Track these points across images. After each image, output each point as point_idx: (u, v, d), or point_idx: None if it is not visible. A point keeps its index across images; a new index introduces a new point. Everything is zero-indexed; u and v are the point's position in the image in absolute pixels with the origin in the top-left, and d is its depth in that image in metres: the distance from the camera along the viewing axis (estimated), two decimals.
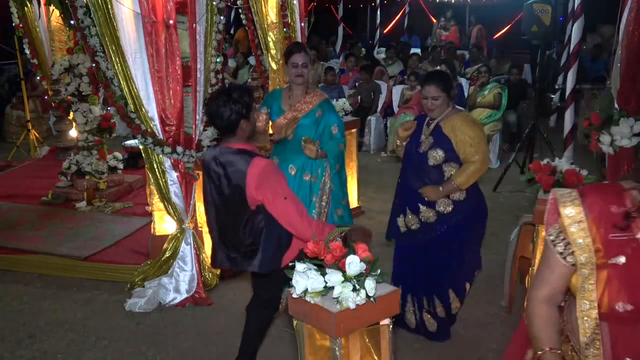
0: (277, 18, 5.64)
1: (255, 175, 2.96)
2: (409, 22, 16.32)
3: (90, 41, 4.27)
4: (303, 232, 2.99)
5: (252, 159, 3.01)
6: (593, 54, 11.17)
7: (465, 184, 3.66)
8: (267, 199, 2.99)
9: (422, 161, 3.74)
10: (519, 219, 4.35)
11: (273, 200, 2.98)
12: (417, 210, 3.78)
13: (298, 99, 4.23)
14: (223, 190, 3.10)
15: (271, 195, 2.98)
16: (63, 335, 4.15)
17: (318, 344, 2.49)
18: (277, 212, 3.01)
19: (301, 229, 3.00)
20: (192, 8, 4.29)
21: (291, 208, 3.00)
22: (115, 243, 5.32)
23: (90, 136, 6.41)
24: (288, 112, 4.23)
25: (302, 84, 4.21)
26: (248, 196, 2.99)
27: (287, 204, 3.00)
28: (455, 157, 3.66)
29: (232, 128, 3.08)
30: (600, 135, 3.88)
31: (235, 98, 3.04)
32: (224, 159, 3.09)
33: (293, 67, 4.15)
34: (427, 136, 3.75)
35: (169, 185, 4.47)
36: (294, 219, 3.00)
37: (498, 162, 8.19)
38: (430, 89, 3.65)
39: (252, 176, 2.96)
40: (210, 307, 4.47)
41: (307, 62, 4.17)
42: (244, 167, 2.99)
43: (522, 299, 4.02)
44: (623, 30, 3.74)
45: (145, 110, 4.31)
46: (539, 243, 3.76)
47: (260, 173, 2.97)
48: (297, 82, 4.21)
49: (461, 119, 3.70)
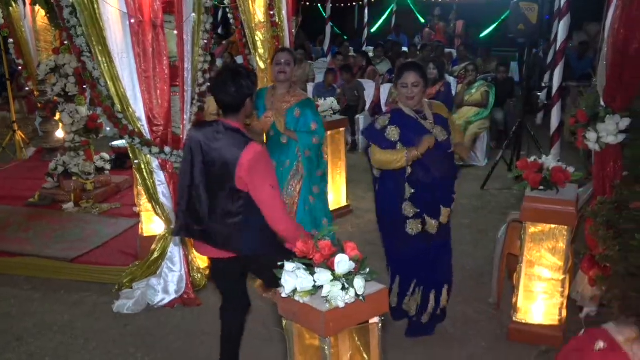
0: (264, 17, 5.62)
1: (250, 158, 2.95)
2: (396, 20, 16.35)
3: (76, 41, 4.24)
4: (281, 222, 3.06)
5: (249, 142, 3.01)
6: (579, 51, 11.24)
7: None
8: (255, 184, 2.99)
9: (444, 151, 3.71)
10: (507, 216, 4.38)
11: (261, 185, 3.00)
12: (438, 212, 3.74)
13: (279, 98, 4.34)
14: (210, 165, 3.06)
15: (261, 180, 3.00)
16: (51, 337, 4.12)
17: (307, 343, 2.49)
18: (262, 197, 3.02)
19: (280, 219, 3.06)
20: (179, 7, 4.28)
21: (276, 197, 3.06)
22: (102, 244, 5.28)
23: (77, 137, 6.37)
24: (269, 110, 4.33)
25: (284, 81, 4.32)
26: (237, 176, 2.98)
27: (273, 192, 3.03)
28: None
29: (237, 106, 3.08)
30: (586, 133, 3.90)
31: (243, 75, 3.06)
32: (221, 134, 3.06)
33: (276, 64, 4.29)
34: (434, 127, 3.71)
35: (156, 185, 4.45)
36: (277, 208, 3.05)
37: (486, 160, 8.23)
38: (410, 76, 3.63)
39: (246, 158, 2.95)
40: (199, 308, 4.46)
41: (290, 60, 4.30)
42: (240, 147, 2.98)
43: (510, 296, 4.04)
44: (609, 28, 3.76)
45: (133, 111, 4.29)
46: (526, 240, 3.78)
47: (255, 157, 2.97)
48: (280, 79, 4.32)
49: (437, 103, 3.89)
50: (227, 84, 3.04)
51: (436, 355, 3.83)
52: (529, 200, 3.74)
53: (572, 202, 3.66)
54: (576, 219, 3.68)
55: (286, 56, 4.30)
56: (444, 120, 3.77)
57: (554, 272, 3.76)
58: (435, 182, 3.70)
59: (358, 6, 17.45)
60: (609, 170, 3.88)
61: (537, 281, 3.82)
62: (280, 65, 4.27)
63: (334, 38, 14.06)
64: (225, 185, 3.03)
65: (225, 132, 3.07)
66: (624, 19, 3.59)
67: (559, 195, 3.72)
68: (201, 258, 4.80)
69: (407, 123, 3.69)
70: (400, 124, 3.68)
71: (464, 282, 4.69)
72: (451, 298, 4.03)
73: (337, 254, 2.32)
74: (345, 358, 2.44)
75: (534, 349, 3.80)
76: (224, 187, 3.04)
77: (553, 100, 6.66)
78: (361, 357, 2.50)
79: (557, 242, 3.72)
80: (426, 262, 3.82)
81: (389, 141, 3.65)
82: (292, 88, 4.41)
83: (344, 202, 6.37)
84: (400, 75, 3.68)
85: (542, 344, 3.81)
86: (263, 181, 3.00)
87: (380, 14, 17.62)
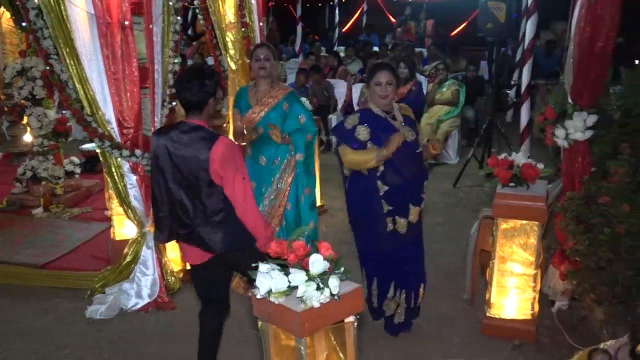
0: (235, 18, 5.60)
1: (221, 151, 2.99)
2: (367, 20, 16.41)
3: (43, 43, 4.18)
4: (251, 216, 3.10)
5: (218, 137, 3.05)
6: (547, 50, 11.40)
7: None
8: (228, 176, 3.02)
9: (412, 151, 3.73)
10: (479, 213, 4.42)
11: (234, 178, 3.03)
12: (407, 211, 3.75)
13: (264, 94, 4.31)
14: (182, 166, 3.07)
15: (233, 173, 3.03)
16: (22, 345, 4.04)
17: (283, 344, 2.49)
18: (235, 188, 3.04)
19: (250, 212, 3.10)
20: (148, 8, 4.24)
21: (248, 189, 3.10)
22: (74, 249, 5.20)
23: (45, 141, 6.27)
24: (256, 107, 4.29)
25: (265, 76, 4.31)
26: (212, 170, 3.00)
27: (245, 185, 3.08)
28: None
29: (200, 104, 3.10)
30: (555, 130, 3.95)
31: (207, 74, 3.10)
32: (187, 134, 3.07)
33: (256, 60, 4.28)
34: (403, 127, 3.72)
35: (128, 189, 4.41)
36: (248, 201, 3.09)
37: (457, 158, 8.31)
38: (384, 74, 3.66)
39: (218, 152, 2.98)
40: (173, 312, 4.42)
41: (269, 55, 4.28)
42: (209, 141, 3.01)
43: (483, 292, 4.09)
44: (575, 27, 3.82)
45: (102, 113, 4.24)
46: (498, 236, 3.83)
47: (226, 149, 3.01)
48: (261, 75, 4.30)
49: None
50: (191, 82, 3.06)
51: (411, 352, 3.85)
52: (500, 197, 3.79)
53: (542, 198, 3.72)
54: (546, 214, 3.74)
55: (265, 52, 4.29)
56: (412, 121, 3.81)
57: (525, 267, 3.82)
58: (405, 181, 3.72)
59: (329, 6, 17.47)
60: (578, 166, 3.95)
61: (510, 276, 3.87)
62: (259, 61, 4.26)
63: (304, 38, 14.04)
64: (202, 184, 3.03)
65: (191, 131, 3.08)
66: (589, 18, 3.66)
67: (529, 192, 3.77)
68: (175, 261, 4.76)
69: (377, 123, 3.70)
70: (370, 123, 3.69)
71: (438, 279, 4.73)
72: (425, 295, 4.05)
73: (312, 254, 2.32)
74: (322, 358, 2.44)
75: (508, 344, 3.84)
76: (202, 186, 3.04)
77: (522, 98, 6.74)
78: (337, 356, 2.50)
79: (528, 237, 3.77)
80: (398, 260, 3.84)
81: (359, 141, 3.66)
82: (275, 83, 4.41)
83: (318, 202, 6.36)
84: (374, 74, 3.70)
85: (516, 338, 3.86)
86: (235, 173, 3.03)
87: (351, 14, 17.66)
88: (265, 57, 4.27)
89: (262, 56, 4.26)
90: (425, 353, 3.85)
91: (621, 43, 5.56)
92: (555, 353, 3.75)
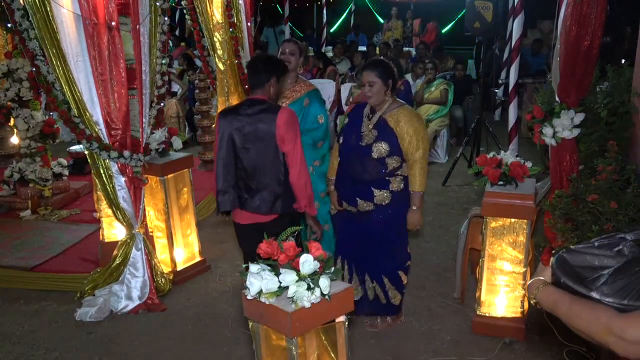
0: (222, 18, 5.59)
1: (285, 118, 3.41)
2: (355, 20, 16.43)
3: (29, 44, 4.15)
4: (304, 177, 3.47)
5: (279, 107, 3.54)
6: (533, 49, 11.46)
7: (424, 185, 3.82)
8: (291, 139, 3.42)
9: (364, 154, 3.75)
10: (469, 211, 4.44)
11: (294, 141, 3.43)
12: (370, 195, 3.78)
13: (287, 87, 4.28)
14: (251, 136, 3.45)
15: (294, 136, 3.44)
16: (10, 348, 4.02)
17: (275, 344, 2.48)
18: (295, 151, 3.44)
19: (305, 174, 3.49)
20: (135, 9, 4.21)
21: (303, 153, 3.50)
22: (63, 252, 5.18)
23: (32, 142, 6.23)
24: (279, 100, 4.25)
25: (290, 71, 4.22)
26: (278, 135, 3.40)
27: (302, 149, 3.49)
28: (399, 150, 3.72)
29: (261, 81, 3.51)
30: (542, 128, 3.98)
31: (273, 59, 3.63)
32: (252, 107, 3.48)
33: (281, 54, 4.28)
34: (369, 129, 3.76)
35: (116, 190, 4.38)
36: (304, 164, 3.49)
37: (446, 157, 8.34)
38: (365, 74, 3.72)
39: (283, 118, 3.40)
40: (163, 313, 4.40)
41: (294, 50, 4.27)
42: (274, 112, 3.44)
43: (473, 290, 4.10)
44: (561, 26, 3.85)
45: (90, 115, 4.21)
46: (488, 235, 3.85)
47: (289, 117, 3.45)
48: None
49: (407, 112, 3.78)
50: (257, 62, 3.61)
51: (402, 351, 3.86)
52: (489, 195, 3.81)
53: (530, 196, 3.74)
54: (535, 212, 3.76)
55: (291, 46, 4.27)
56: (386, 129, 3.74)
57: (515, 265, 3.84)
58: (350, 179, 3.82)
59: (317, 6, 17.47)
60: (566, 164, 3.97)
61: (499, 274, 3.89)
62: (284, 55, 4.24)
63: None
64: (270, 150, 3.44)
65: (256, 104, 3.50)
66: (575, 16, 3.69)
67: (518, 190, 3.79)
68: (165, 262, 4.75)
69: (356, 117, 3.88)
70: (353, 115, 3.92)
71: (428, 277, 4.75)
72: (416, 293, 4.06)
73: (302, 254, 2.32)
74: (313, 358, 2.44)
75: (498, 341, 3.86)
76: (269, 153, 3.44)
77: (510, 97, 6.78)
78: (328, 356, 2.51)
79: (517, 235, 3.79)
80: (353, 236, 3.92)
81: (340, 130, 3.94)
82: (300, 78, 4.37)
83: None
84: (360, 74, 3.77)
85: (506, 335, 3.88)
86: (296, 137, 3.45)
87: (339, 14, 17.68)
88: (291, 52, 4.24)
89: (288, 50, 4.25)
90: (415, 351, 3.86)
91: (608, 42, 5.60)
92: (546, 350, 3.78)
